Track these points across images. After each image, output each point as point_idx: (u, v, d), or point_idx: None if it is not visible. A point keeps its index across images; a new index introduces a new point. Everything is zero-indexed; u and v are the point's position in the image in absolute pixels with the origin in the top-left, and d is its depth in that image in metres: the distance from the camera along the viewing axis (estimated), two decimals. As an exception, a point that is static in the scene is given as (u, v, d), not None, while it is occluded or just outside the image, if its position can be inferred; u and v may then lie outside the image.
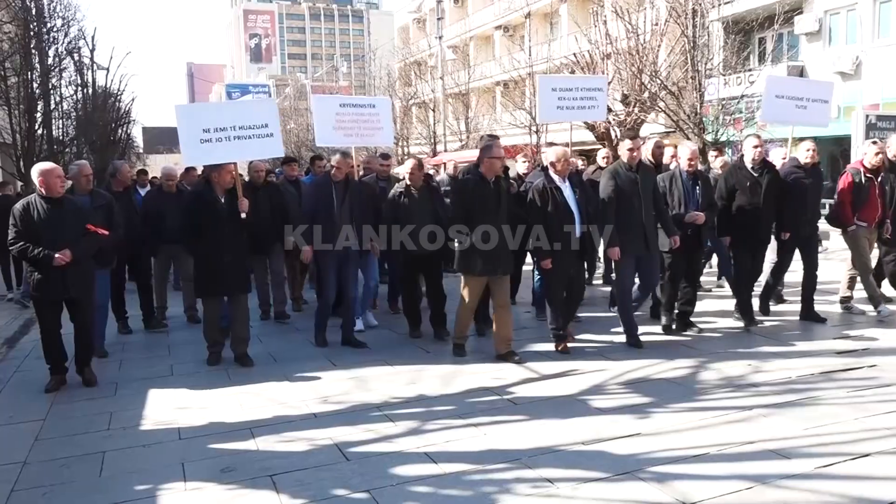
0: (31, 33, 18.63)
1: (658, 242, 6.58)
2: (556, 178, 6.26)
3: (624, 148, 6.58)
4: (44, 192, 5.63)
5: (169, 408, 5.31)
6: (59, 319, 5.81)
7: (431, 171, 11.12)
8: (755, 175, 6.98)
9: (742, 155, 7.26)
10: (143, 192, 10.35)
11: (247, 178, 8.51)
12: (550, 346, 6.52)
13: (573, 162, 7.45)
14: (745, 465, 3.98)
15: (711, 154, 8.63)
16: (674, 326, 7.04)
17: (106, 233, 5.99)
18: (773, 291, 7.83)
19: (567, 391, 5.40)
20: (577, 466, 4.03)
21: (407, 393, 5.47)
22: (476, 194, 6.05)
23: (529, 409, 5.02)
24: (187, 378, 6.07)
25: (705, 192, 6.83)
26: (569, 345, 6.48)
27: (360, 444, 4.48)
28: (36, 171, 5.68)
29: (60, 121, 21.98)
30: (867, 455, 4.05)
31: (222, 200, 6.30)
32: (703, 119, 15.95)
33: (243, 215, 6.25)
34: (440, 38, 33.87)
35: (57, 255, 5.51)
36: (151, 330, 7.93)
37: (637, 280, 6.84)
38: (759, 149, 6.99)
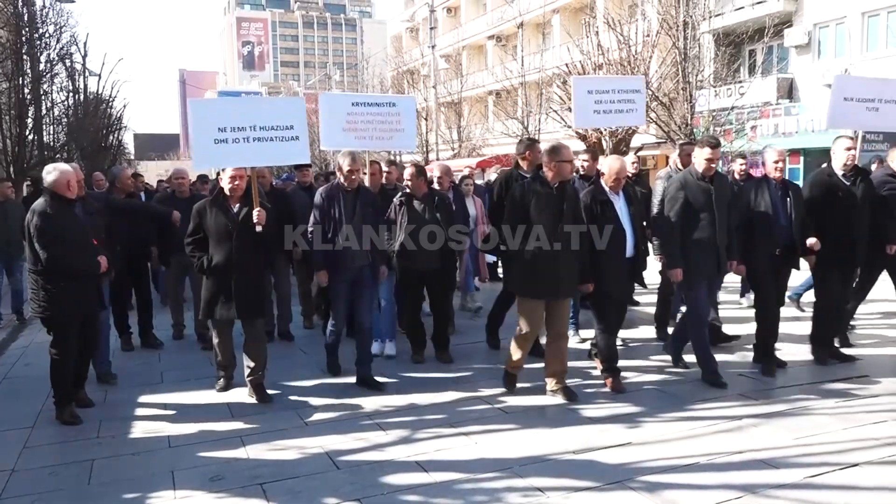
0: (23, 39, 18.59)
1: (725, 264, 5.72)
2: (607, 189, 5.54)
3: (701, 156, 5.63)
4: (67, 195, 5.06)
5: (158, 415, 5.28)
6: (76, 338, 5.18)
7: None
8: (847, 184, 6.00)
9: (830, 160, 6.24)
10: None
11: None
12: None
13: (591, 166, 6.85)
14: (734, 475, 3.99)
15: (739, 162, 7.88)
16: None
17: (95, 241, 5.41)
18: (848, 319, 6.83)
19: (557, 400, 5.41)
20: (568, 475, 4.04)
21: (398, 402, 5.46)
22: (536, 202, 5.17)
23: (520, 419, 5.03)
24: (177, 385, 6.04)
25: (797, 204, 5.88)
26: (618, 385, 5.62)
27: (351, 452, 4.47)
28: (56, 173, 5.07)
29: (51, 126, 21.94)
30: (855, 465, 4.08)
31: (235, 210, 5.48)
32: (694, 130, 16.06)
33: (259, 228, 5.42)
34: (433, 47, 33.98)
35: (102, 261, 5.11)
36: (147, 347, 7.35)
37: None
38: (851, 151, 6.01)
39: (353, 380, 6.01)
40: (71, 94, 24.51)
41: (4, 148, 17.95)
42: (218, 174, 6.71)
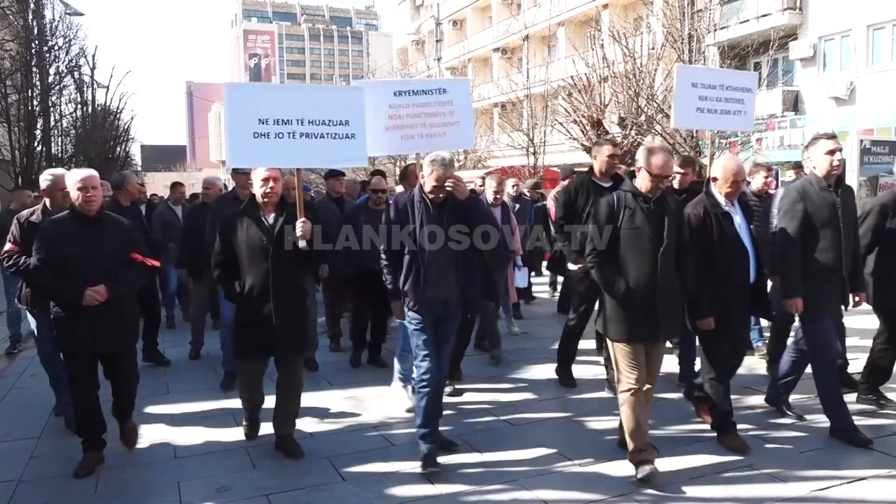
0: (33, 52, 18.78)
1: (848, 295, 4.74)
2: (721, 199, 4.50)
3: (820, 150, 4.63)
4: (78, 206, 4.37)
5: (164, 426, 5.29)
6: (94, 377, 4.54)
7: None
8: None
9: None
10: (175, 208, 9.37)
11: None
12: (547, 367, 6.48)
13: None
14: (740, 488, 3.98)
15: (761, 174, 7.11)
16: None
17: (157, 264, 4.78)
18: None
19: (564, 413, 5.40)
20: (574, 488, 4.03)
21: (404, 413, 5.46)
22: (629, 221, 4.10)
23: (526, 431, 5.01)
24: (183, 396, 6.04)
25: None
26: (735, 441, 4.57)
27: (357, 463, 4.47)
28: (70, 180, 4.45)
29: (60, 138, 22.11)
30: (863, 479, 4.06)
31: (269, 222, 4.53)
32: (700, 142, 16.07)
33: (302, 244, 4.42)
34: (438, 59, 34.18)
35: (88, 291, 4.20)
36: (151, 363, 7.04)
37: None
38: None
39: (358, 391, 6.02)
40: (79, 106, 24.76)
41: (13, 159, 18.10)
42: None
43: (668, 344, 4.95)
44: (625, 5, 26.36)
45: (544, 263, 9.86)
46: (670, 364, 6.40)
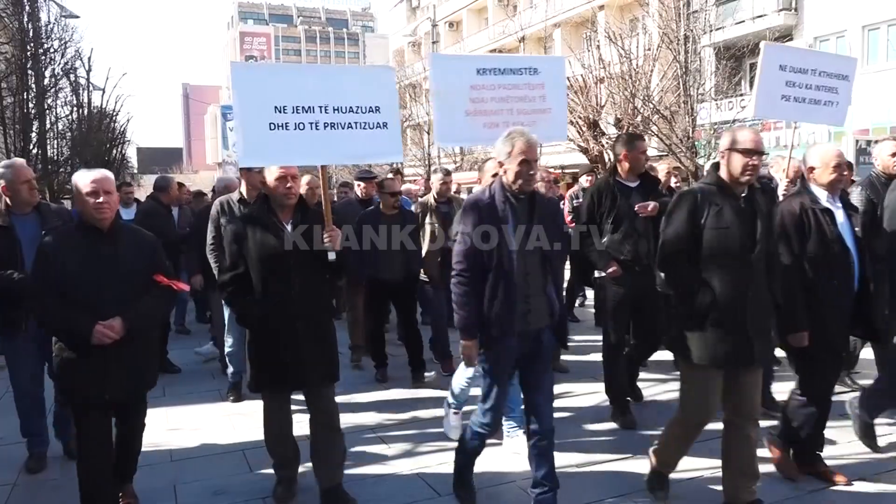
0: (28, 54, 18.73)
1: None
2: (821, 195, 3.93)
3: None
4: (87, 215, 3.46)
5: (161, 429, 5.26)
6: (107, 430, 3.69)
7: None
8: None
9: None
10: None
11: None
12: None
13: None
14: (739, 489, 3.97)
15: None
16: None
17: (186, 287, 4.04)
18: None
19: (561, 413, 5.37)
20: (572, 489, 4.02)
21: (401, 415, 5.45)
22: (716, 220, 3.42)
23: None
24: (179, 399, 6.03)
25: None
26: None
27: (354, 466, 4.45)
28: (81, 182, 3.46)
29: (55, 141, 22.04)
30: (863, 479, 4.06)
31: (288, 229, 3.76)
32: (696, 143, 16.10)
33: (332, 255, 3.74)
34: (435, 61, 34.13)
35: (98, 328, 3.32)
36: (162, 372, 6.95)
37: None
38: None
39: (355, 394, 6.00)
40: (75, 109, 24.68)
41: (8, 162, 18.06)
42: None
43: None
44: (621, 7, 26.39)
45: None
46: (663, 372, 6.41)
